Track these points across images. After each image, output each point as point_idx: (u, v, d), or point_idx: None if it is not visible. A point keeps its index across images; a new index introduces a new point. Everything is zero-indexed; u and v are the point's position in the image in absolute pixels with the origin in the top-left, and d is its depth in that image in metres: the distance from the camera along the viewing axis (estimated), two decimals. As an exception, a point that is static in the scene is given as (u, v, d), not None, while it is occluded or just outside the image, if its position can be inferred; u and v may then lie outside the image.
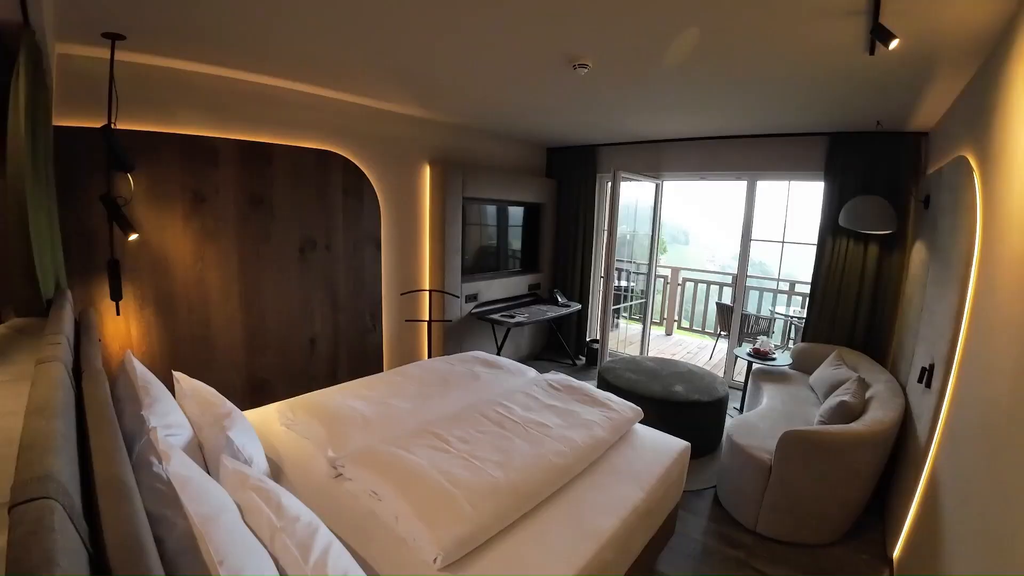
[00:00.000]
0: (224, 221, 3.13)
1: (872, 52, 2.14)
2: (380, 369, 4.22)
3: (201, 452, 1.78)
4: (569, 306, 5.51)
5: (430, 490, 1.72)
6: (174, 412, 1.81)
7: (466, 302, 4.85)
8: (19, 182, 1.78)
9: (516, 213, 5.75)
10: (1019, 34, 1.70)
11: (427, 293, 4.53)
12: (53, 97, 2.15)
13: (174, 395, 2.01)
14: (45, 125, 1.93)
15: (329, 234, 3.72)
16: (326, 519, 1.57)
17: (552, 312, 5.21)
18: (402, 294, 4.37)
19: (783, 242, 5.57)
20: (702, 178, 5.36)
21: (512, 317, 4.76)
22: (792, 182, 5.13)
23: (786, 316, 6.46)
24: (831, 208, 4.19)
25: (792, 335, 6.43)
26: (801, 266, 6.16)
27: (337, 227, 3.77)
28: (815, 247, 4.39)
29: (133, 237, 2.66)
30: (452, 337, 4.73)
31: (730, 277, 7.26)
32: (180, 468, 1.30)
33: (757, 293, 7.21)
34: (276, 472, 1.97)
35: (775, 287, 7.12)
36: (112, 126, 2.50)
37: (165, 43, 2.53)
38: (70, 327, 1.79)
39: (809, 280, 4.50)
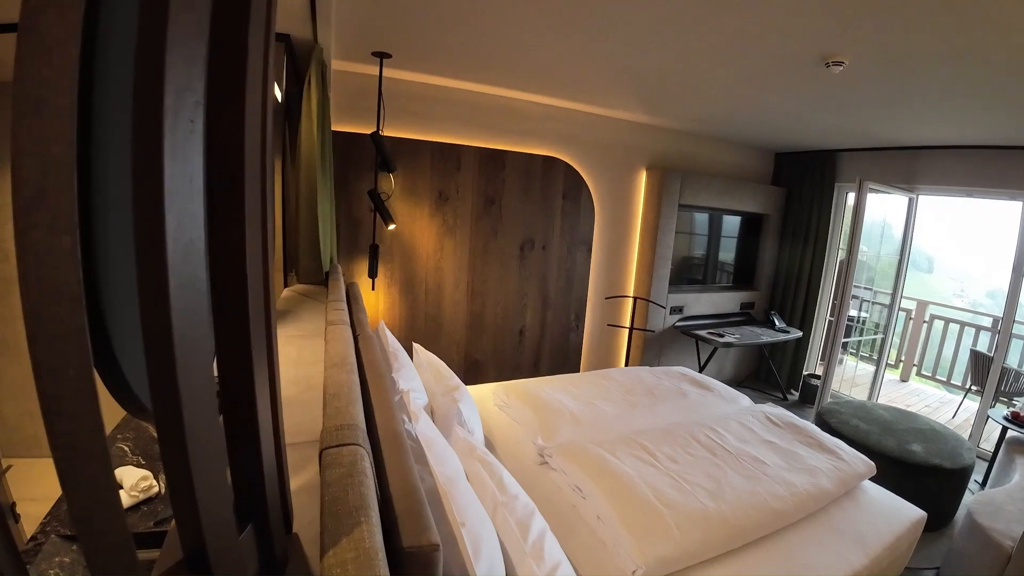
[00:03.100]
0: (461, 218, 3.52)
1: None
2: (577, 368, 4.31)
3: (432, 417, 2.00)
4: (788, 332, 4.92)
5: (637, 502, 1.69)
6: (415, 378, 2.07)
7: (670, 314, 4.67)
8: (312, 174, 2.20)
9: (731, 223, 5.33)
10: None
11: (631, 300, 4.47)
12: (331, 106, 2.61)
13: (412, 363, 2.30)
14: (327, 129, 2.36)
15: (546, 235, 3.92)
16: (530, 503, 1.66)
17: (767, 336, 4.71)
18: (607, 298, 4.39)
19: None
20: (968, 195, 4.32)
21: (721, 336, 4.43)
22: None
23: (1053, 376, 4.93)
24: None
25: (1058, 400, 4.89)
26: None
27: (554, 229, 3.95)
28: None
29: (391, 227, 3.13)
30: (651, 348, 4.59)
31: (990, 319, 5.80)
32: (426, 429, 1.47)
33: (1020, 343, 5.58)
34: (488, 448, 2.13)
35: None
36: (380, 132, 2.95)
37: (424, 61, 2.92)
38: (344, 296, 2.16)
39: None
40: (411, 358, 2.36)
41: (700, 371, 4.55)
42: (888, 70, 2.46)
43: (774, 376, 5.26)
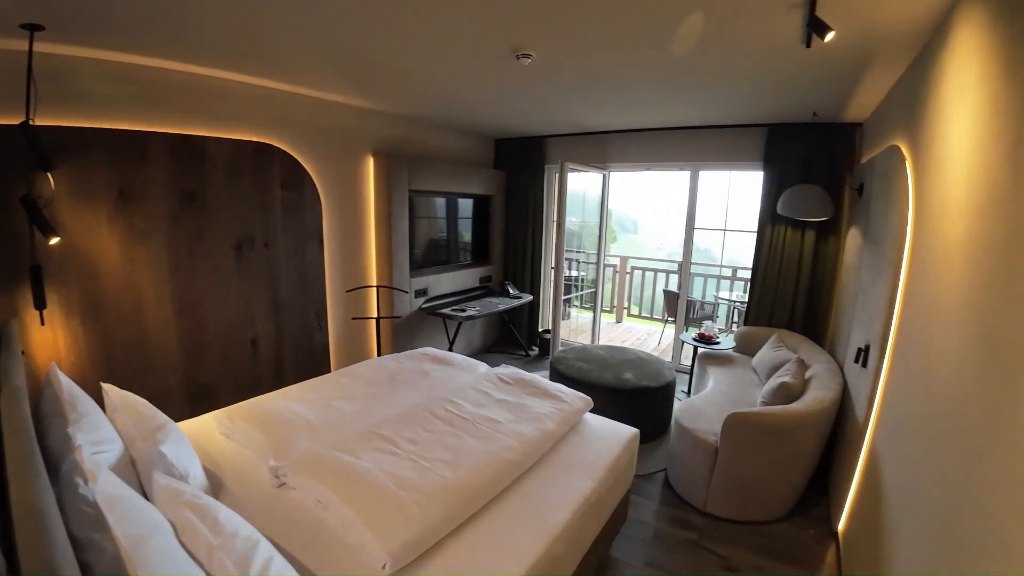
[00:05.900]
0: (154, 220, 2.95)
1: (808, 44, 2.14)
2: (328, 369, 4.12)
3: (134, 468, 1.69)
4: (520, 297, 5.54)
5: (376, 494, 1.68)
6: (104, 427, 1.72)
7: (416, 297, 4.79)
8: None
9: (465, 205, 5.71)
10: (951, 28, 1.80)
11: (374, 289, 4.44)
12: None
13: (104, 409, 1.90)
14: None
15: (267, 231, 3.58)
16: (272, 531, 1.53)
17: (503, 304, 5.21)
18: (347, 291, 4.27)
19: (725, 230, 5.77)
20: (647, 169, 5.48)
21: (463, 311, 4.73)
22: (733, 172, 5.31)
23: (729, 301, 6.70)
24: (770, 197, 4.38)
25: (736, 319, 6.67)
26: (743, 253, 6.43)
27: (276, 224, 3.62)
28: (755, 235, 4.57)
29: (55, 240, 2.47)
30: (402, 334, 4.66)
31: (676, 264, 7.47)
32: (108, 487, 1.24)
33: (702, 279, 7.45)
34: (216, 485, 1.89)
35: (718, 273, 7.37)
36: (31, 122, 2.30)
37: (88, 33, 2.36)
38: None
39: (750, 266, 4.68)
40: (102, 403, 1.94)
41: (450, 347, 4.81)
42: (570, 63, 2.79)
43: (515, 338, 5.87)
